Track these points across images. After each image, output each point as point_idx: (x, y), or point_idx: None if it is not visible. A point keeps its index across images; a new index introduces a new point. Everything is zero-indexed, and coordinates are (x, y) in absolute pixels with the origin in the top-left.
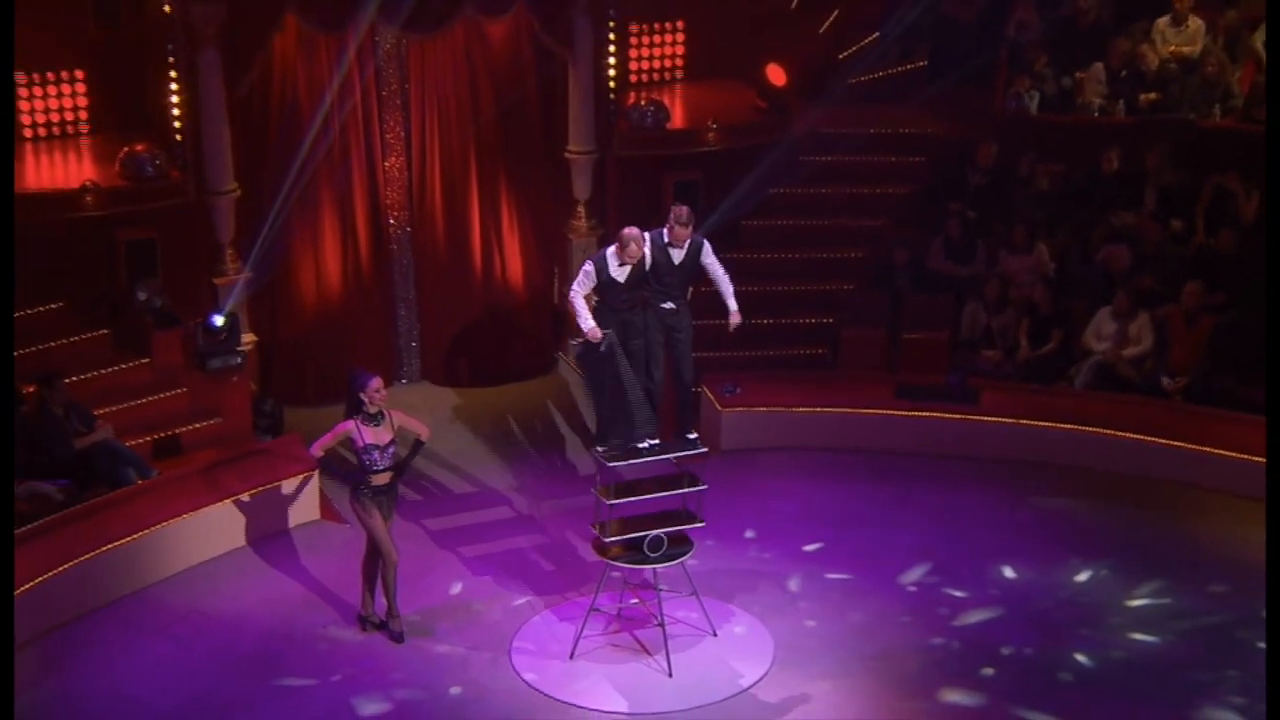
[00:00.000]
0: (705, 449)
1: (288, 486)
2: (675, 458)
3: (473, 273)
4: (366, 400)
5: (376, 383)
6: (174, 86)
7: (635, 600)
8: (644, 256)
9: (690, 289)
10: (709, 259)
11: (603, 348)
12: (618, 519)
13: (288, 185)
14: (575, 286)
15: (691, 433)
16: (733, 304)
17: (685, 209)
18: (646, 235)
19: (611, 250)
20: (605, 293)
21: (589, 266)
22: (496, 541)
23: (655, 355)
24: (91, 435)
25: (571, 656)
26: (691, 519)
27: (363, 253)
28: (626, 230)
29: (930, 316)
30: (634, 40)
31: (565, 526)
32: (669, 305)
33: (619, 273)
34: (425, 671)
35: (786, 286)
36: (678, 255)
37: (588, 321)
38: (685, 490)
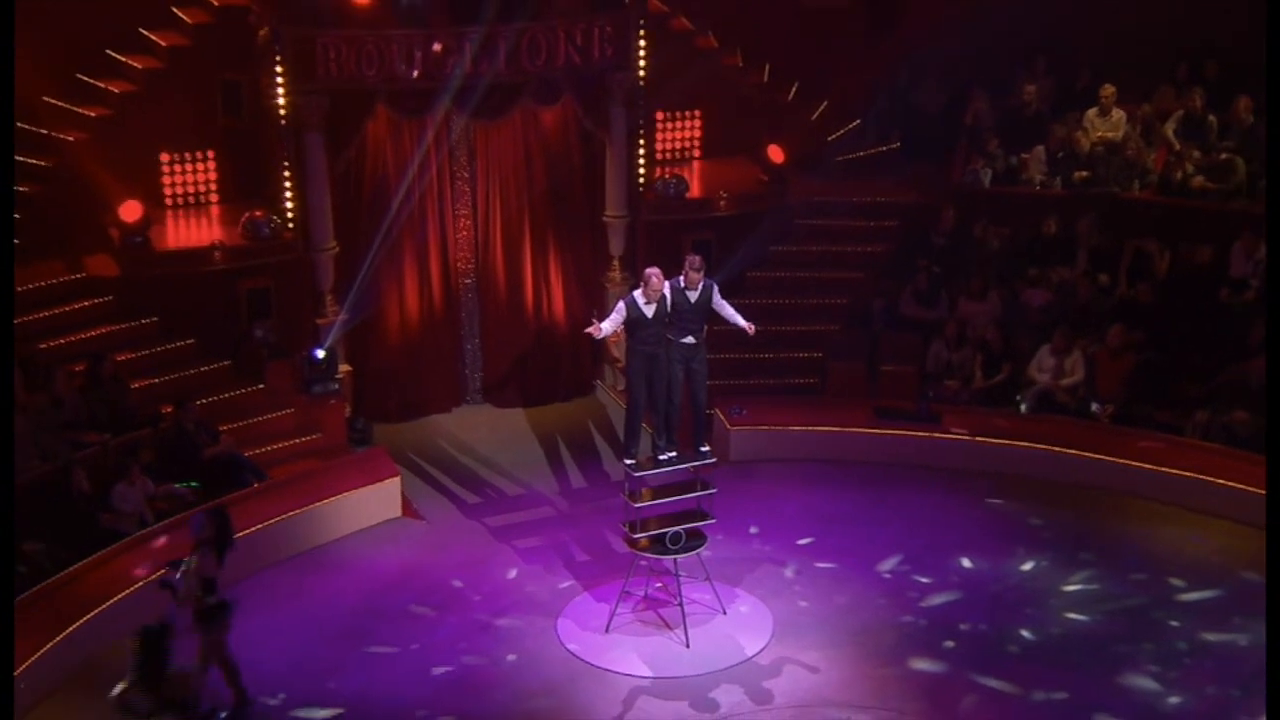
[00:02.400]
0: (716, 460)
1: (374, 490)
2: (691, 467)
3: (526, 315)
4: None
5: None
6: (285, 164)
7: (659, 585)
8: (665, 296)
9: (705, 327)
10: (718, 299)
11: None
12: (644, 517)
13: (377, 243)
14: (610, 315)
15: (705, 446)
16: (741, 321)
17: (699, 257)
18: (667, 281)
19: (639, 292)
20: (635, 329)
21: (621, 305)
22: (544, 535)
23: (676, 384)
24: (217, 446)
25: (607, 630)
26: (705, 517)
27: (436, 298)
28: (648, 269)
29: (901, 352)
30: (660, 125)
31: (601, 524)
32: (689, 340)
33: (646, 309)
34: (486, 642)
35: (783, 327)
36: (693, 296)
37: (605, 325)
38: (699, 494)
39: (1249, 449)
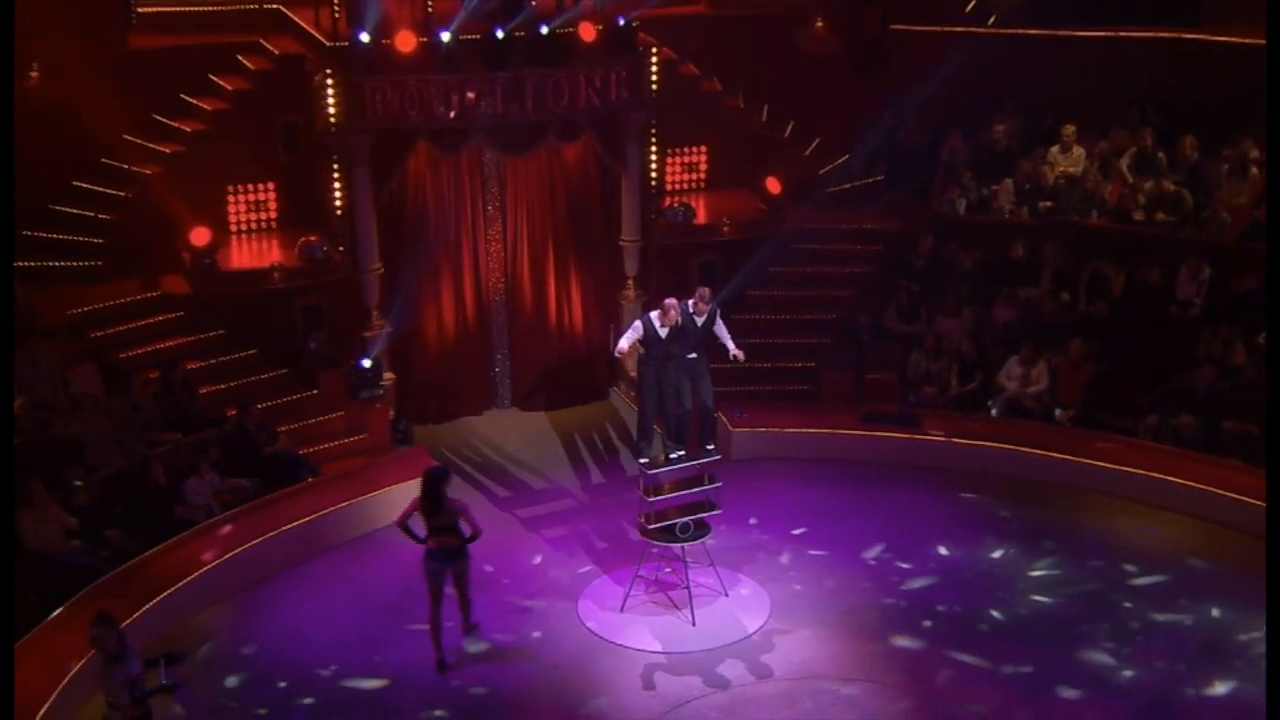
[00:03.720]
0: (720, 458)
1: (415, 484)
2: (698, 464)
3: (549, 328)
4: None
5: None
6: (337, 194)
7: (668, 569)
8: (678, 320)
9: (706, 346)
10: (719, 324)
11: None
12: (656, 509)
13: (417, 264)
14: (626, 333)
15: (710, 446)
16: (733, 347)
17: (707, 290)
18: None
19: (655, 314)
20: (649, 345)
21: (638, 324)
22: (566, 525)
23: (684, 392)
24: (275, 445)
25: (622, 610)
26: (710, 509)
27: (470, 313)
28: (669, 300)
29: (885, 362)
30: (670, 160)
31: (617, 515)
32: (693, 355)
33: (661, 330)
34: (514, 620)
35: (780, 340)
36: (699, 320)
37: (623, 344)
38: (705, 488)
39: (1195, 449)
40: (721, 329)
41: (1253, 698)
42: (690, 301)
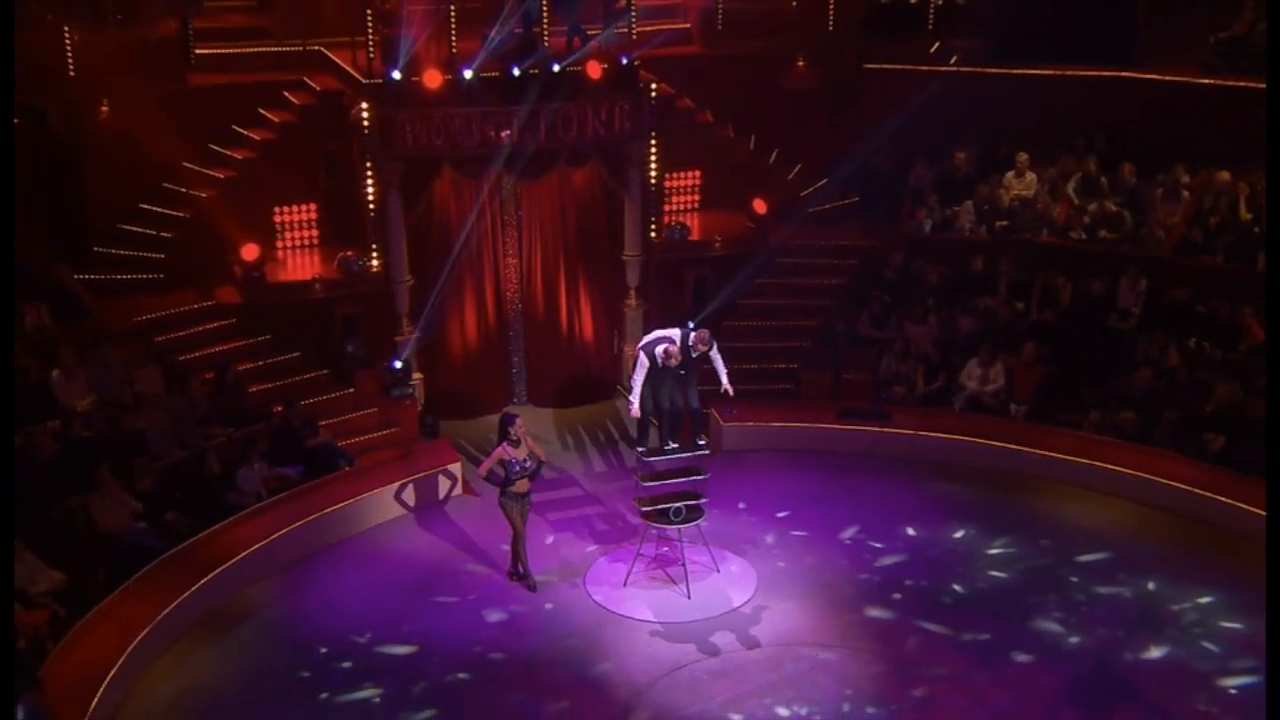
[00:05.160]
0: (710, 450)
1: (440, 473)
2: (691, 455)
3: (560, 334)
4: (513, 432)
5: (520, 422)
6: (371, 213)
7: (665, 549)
8: (679, 357)
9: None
10: (716, 357)
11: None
12: (654, 495)
13: (443, 276)
14: (636, 374)
15: (701, 439)
16: (725, 381)
17: (707, 333)
18: (677, 337)
19: (660, 352)
20: (652, 370)
21: (645, 361)
22: (575, 510)
23: (676, 395)
24: (317, 438)
25: (624, 584)
26: (701, 495)
27: (490, 321)
28: (673, 348)
29: (860, 364)
30: (668, 183)
31: (619, 501)
32: (683, 372)
33: (663, 363)
34: (529, 593)
35: (766, 343)
36: (695, 353)
37: (635, 400)
38: (697, 477)
39: (1134, 441)
40: (718, 361)
41: (1183, 660)
42: (691, 333)
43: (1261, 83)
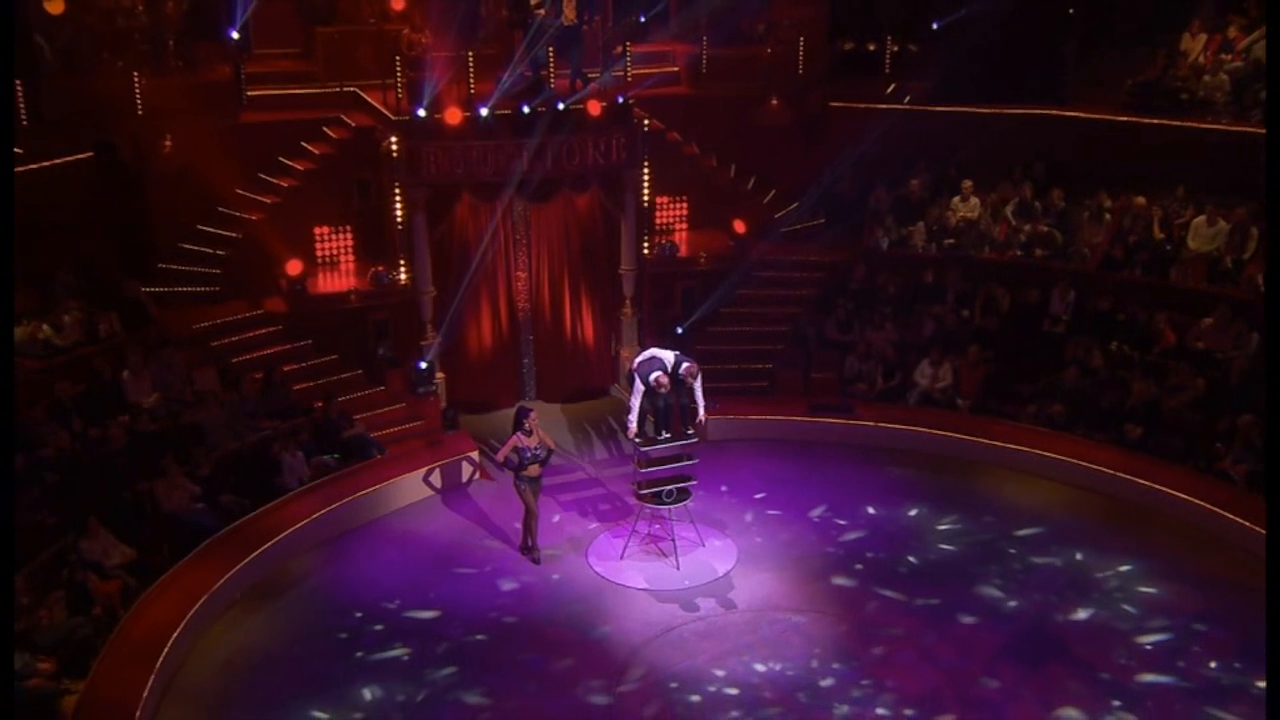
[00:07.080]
0: (698, 439)
1: (460, 460)
2: (680, 444)
3: (565, 338)
4: (527, 424)
5: (534, 415)
6: (400, 232)
7: (658, 526)
8: (667, 383)
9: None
10: (698, 389)
11: (634, 438)
12: (648, 479)
13: (462, 288)
14: (633, 398)
15: (690, 430)
16: (701, 411)
17: (696, 366)
18: (668, 360)
19: (654, 377)
20: (646, 391)
21: (640, 386)
22: (578, 492)
23: (669, 398)
24: (352, 430)
25: (622, 557)
26: (689, 479)
27: (504, 327)
28: (664, 378)
29: (827, 364)
30: (660, 206)
31: (617, 484)
32: (672, 399)
33: (655, 388)
34: (538, 565)
35: (744, 346)
36: (684, 384)
37: (633, 422)
38: (686, 463)
39: (1064, 431)
40: (698, 392)
41: (1106, 620)
42: (682, 362)
43: (1173, 120)
